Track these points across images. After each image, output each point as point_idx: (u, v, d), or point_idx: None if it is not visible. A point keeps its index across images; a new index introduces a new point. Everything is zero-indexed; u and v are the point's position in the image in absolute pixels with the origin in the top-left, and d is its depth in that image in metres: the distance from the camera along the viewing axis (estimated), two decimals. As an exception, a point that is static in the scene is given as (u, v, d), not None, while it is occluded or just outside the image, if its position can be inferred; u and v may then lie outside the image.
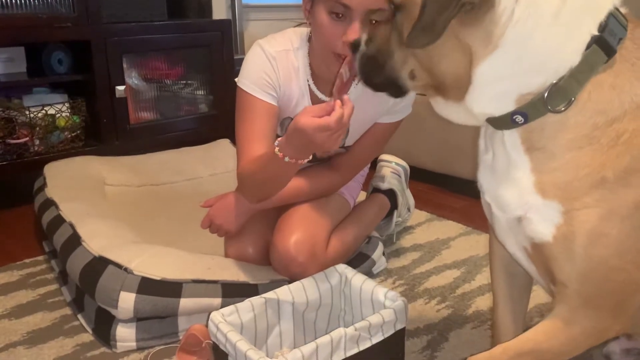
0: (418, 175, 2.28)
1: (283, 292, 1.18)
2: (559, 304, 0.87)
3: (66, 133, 2.33)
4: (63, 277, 1.62)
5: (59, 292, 1.58)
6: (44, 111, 2.26)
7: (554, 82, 0.80)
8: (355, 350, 1.05)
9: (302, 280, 1.22)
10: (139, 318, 1.33)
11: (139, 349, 1.33)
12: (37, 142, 2.26)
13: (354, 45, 0.98)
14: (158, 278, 1.32)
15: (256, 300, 1.15)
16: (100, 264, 1.36)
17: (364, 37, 0.96)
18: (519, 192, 0.86)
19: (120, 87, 2.36)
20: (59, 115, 2.30)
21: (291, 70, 1.37)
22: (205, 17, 2.95)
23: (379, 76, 0.93)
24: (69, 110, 2.34)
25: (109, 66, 2.33)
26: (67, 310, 1.49)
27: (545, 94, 0.80)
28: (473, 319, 1.45)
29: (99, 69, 2.31)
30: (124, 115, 2.42)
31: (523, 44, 0.79)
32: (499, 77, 0.81)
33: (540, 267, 0.91)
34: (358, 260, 1.59)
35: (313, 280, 1.23)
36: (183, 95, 2.76)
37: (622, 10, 0.83)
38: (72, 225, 1.55)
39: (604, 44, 0.79)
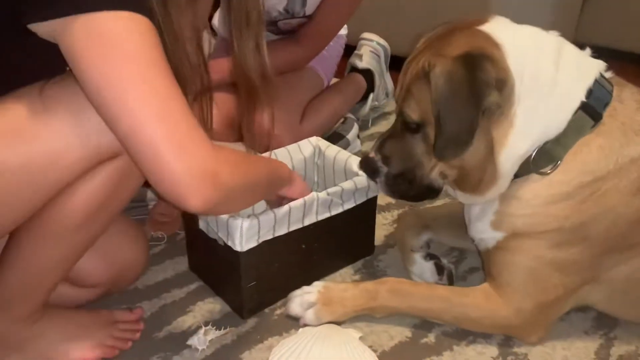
0: (398, 65, 2.20)
1: (255, 162, 1.15)
2: (489, 282, 0.99)
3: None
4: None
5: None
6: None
7: (540, 145, 0.87)
8: (326, 215, 1.06)
9: (274, 150, 1.19)
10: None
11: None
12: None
13: (370, 170, 0.99)
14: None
15: (228, 168, 1.13)
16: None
17: (377, 157, 0.97)
18: (480, 228, 0.98)
19: None
20: None
21: None
22: None
23: (413, 188, 0.96)
24: None
25: None
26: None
27: (532, 157, 0.88)
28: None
29: None
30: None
31: (530, 118, 0.85)
32: (518, 156, 0.88)
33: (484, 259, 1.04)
34: (333, 139, 1.56)
35: (286, 151, 1.21)
36: None
37: (608, 74, 0.92)
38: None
39: (589, 109, 0.87)
